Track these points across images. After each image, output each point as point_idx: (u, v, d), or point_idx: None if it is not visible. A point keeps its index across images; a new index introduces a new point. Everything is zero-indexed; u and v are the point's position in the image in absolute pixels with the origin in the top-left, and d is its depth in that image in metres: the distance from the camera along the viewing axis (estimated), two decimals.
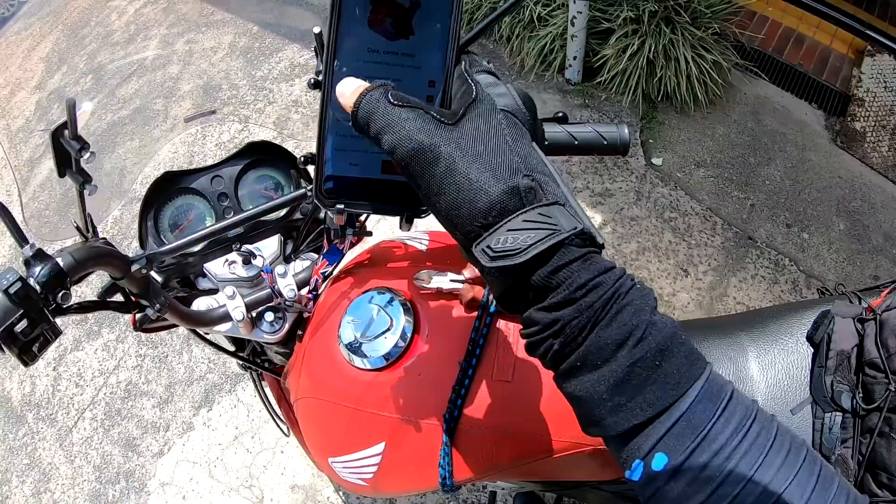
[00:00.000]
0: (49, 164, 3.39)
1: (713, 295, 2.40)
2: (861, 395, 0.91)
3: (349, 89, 0.49)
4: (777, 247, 2.52)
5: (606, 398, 0.42)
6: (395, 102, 0.46)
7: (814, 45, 3.14)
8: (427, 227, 0.97)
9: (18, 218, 0.80)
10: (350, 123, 0.49)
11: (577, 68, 2.94)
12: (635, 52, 2.70)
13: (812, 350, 1.02)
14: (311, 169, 0.92)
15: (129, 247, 2.83)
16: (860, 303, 1.05)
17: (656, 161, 2.79)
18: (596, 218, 2.62)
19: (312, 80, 0.55)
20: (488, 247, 0.42)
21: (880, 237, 2.55)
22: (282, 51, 3.54)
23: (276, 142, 1.12)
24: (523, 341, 0.46)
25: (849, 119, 2.90)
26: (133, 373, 2.58)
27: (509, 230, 0.42)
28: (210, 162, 1.13)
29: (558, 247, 0.42)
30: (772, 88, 3.03)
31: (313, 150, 0.57)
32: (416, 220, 0.56)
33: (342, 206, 0.55)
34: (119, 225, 2.97)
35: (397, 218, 0.57)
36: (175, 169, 1.10)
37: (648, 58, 2.69)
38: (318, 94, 0.56)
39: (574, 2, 2.57)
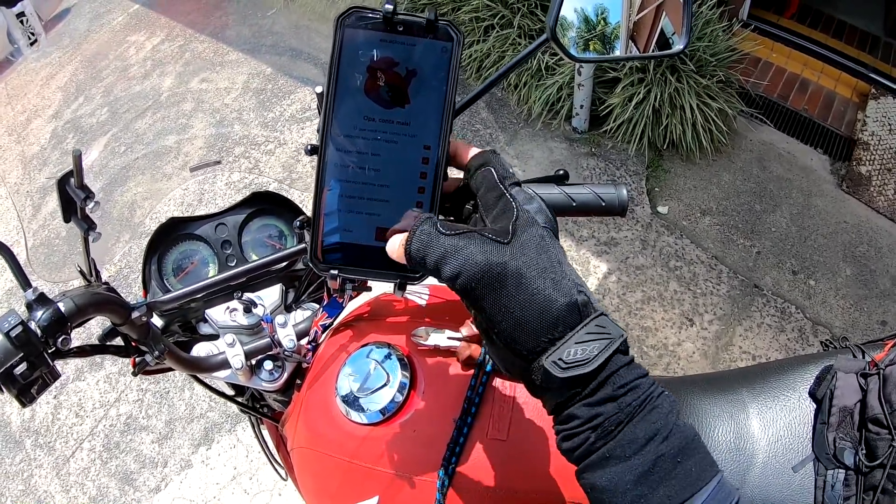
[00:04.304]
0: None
1: (719, 344, 2.39)
2: (864, 451, 0.89)
3: (396, 240, 0.50)
4: (783, 294, 2.51)
5: (630, 488, 0.45)
6: (448, 232, 0.47)
7: (818, 90, 3.17)
8: (428, 282, 0.98)
9: (23, 250, 0.81)
10: (405, 259, 0.49)
11: (584, 117, 2.98)
12: (641, 101, 2.74)
13: (815, 406, 1.01)
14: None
15: (136, 281, 2.85)
16: (863, 357, 1.04)
17: (662, 209, 2.80)
18: (601, 267, 2.63)
19: (309, 147, 0.56)
20: (560, 359, 0.45)
21: (888, 282, 2.54)
22: (294, 93, 3.60)
23: (281, 192, 1.14)
24: (521, 401, 0.49)
25: (854, 163, 2.91)
26: (134, 407, 2.58)
27: (576, 343, 0.46)
28: (218, 200, 1.15)
29: (613, 354, 0.47)
30: (777, 134, 3.05)
31: (309, 213, 0.58)
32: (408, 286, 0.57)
33: (336, 272, 0.55)
34: (127, 258, 3.00)
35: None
36: (181, 213, 1.12)
37: (654, 106, 2.72)
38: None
39: None
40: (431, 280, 0.61)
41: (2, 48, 4.79)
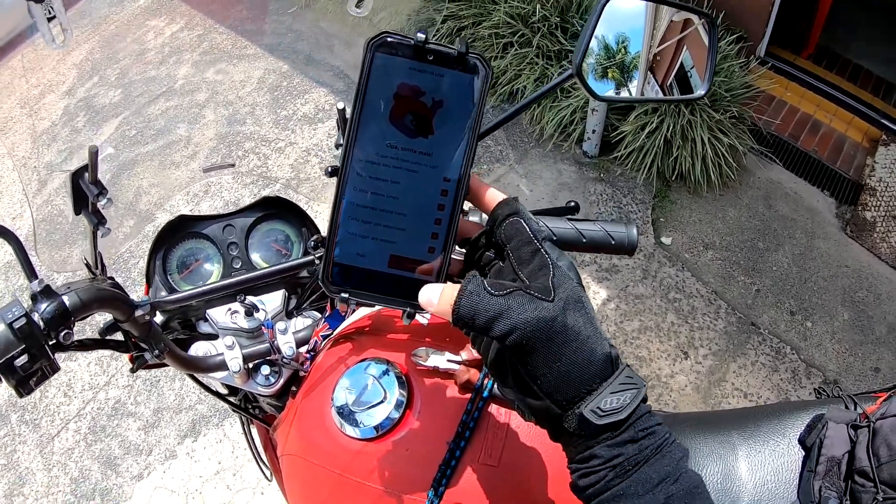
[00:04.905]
0: (65, 166, 3.44)
1: (712, 380, 2.39)
2: (849, 502, 0.90)
3: (434, 295, 0.52)
4: (779, 334, 2.52)
5: None
6: (496, 293, 0.49)
7: (829, 132, 3.18)
8: None
9: (27, 226, 0.80)
10: (451, 319, 0.51)
11: (595, 142, 2.98)
12: (653, 131, 2.75)
13: (803, 453, 1.02)
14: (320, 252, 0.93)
15: (136, 267, 2.85)
16: (855, 408, 1.05)
17: (665, 240, 2.81)
18: (601, 293, 2.64)
19: (329, 169, 0.57)
20: (598, 408, 0.49)
21: (884, 329, 2.54)
22: (308, 93, 3.61)
23: (287, 193, 1.14)
24: (515, 430, 0.54)
25: (860, 208, 2.92)
26: (123, 392, 2.57)
27: (611, 392, 0.49)
28: (224, 193, 1.15)
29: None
30: (785, 174, 3.06)
31: (324, 233, 0.58)
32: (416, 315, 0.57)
33: (346, 296, 0.56)
34: (129, 243, 3.00)
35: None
36: (187, 204, 1.12)
37: (666, 137, 2.73)
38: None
39: None
40: None
41: (18, 23, 4.80)
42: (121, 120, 3.64)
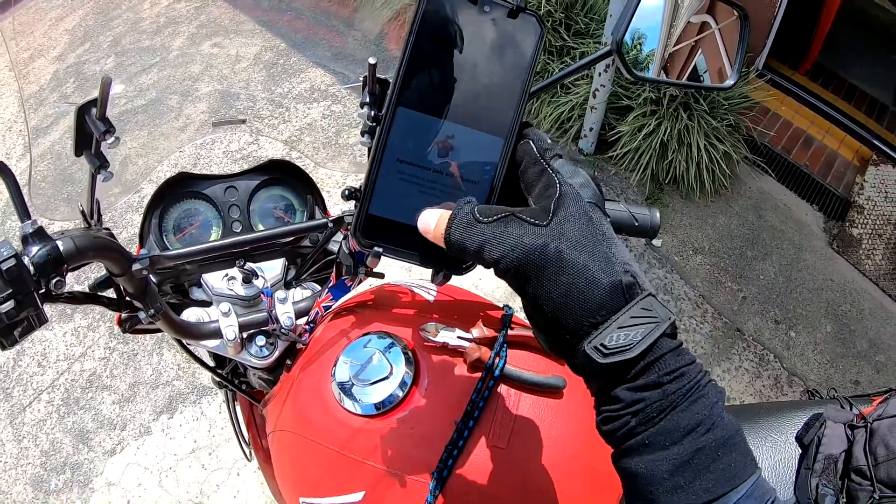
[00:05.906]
0: (52, 137, 3.35)
1: None
2: (845, 500, 0.91)
3: (432, 221, 0.49)
4: (763, 342, 2.53)
5: (667, 478, 0.44)
6: (485, 220, 0.46)
7: (821, 148, 3.22)
8: None
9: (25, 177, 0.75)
10: (445, 245, 0.48)
11: (592, 140, 2.98)
12: (650, 133, 2.75)
13: (800, 451, 1.02)
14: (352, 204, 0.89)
15: (119, 236, 2.78)
16: (851, 409, 1.06)
17: (655, 242, 2.81)
18: None
19: (371, 114, 0.54)
20: (602, 345, 0.44)
21: (865, 343, 2.57)
22: (304, 72, 3.56)
23: (299, 164, 1.10)
24: (525, 412, 0.52)
25: (847, 224, 2.96)
26: (99, 364, 2.51)
27: (619, 327, 0.44)
28: (213, 167, 1.10)
29: (658, 339, 0.45)
30: (776, 185, 3.09)
31: (355, 184, 0.55)
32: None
33: (380, 250, 0.53)
34: (111, 213, 2.92)
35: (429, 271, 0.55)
36: (187, 170, 1.06)
37: (662, 140, 2.74)
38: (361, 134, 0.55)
39: (599, 75, 2.62)
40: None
41: None
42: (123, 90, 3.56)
